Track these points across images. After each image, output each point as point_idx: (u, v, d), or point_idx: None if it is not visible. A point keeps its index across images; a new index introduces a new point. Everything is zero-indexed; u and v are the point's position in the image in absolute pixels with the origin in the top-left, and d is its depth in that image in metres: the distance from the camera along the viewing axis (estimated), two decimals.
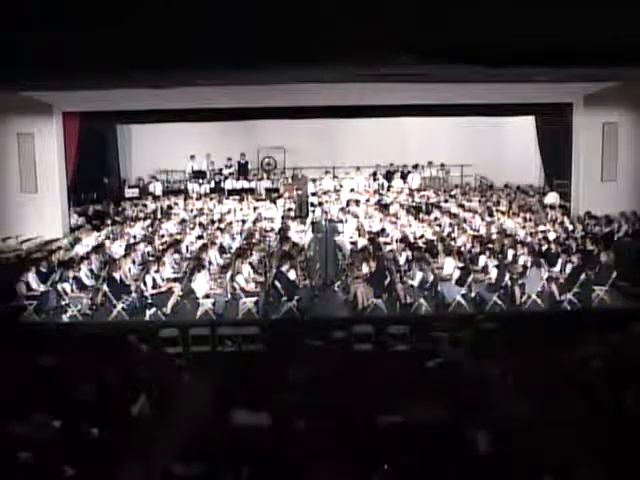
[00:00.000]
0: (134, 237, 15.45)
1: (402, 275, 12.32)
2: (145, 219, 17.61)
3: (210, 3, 6.24)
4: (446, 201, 19.57)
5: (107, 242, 14.87)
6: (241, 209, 18.88)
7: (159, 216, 18.25)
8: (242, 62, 9.28)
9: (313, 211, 18.58)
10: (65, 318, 11.32)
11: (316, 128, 21.05)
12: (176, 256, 13.67)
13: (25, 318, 11.21)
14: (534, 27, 7.19)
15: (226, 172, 21.82)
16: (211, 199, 20.05)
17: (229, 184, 21.39)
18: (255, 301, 11.47)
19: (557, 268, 12.23)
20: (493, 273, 11.90)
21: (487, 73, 11.38)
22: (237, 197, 20.18)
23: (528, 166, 21.39)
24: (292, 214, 18.25)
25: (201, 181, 21.60)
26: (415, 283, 11.73)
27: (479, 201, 19.50)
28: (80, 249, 14.36)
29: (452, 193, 20.71)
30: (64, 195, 16.59)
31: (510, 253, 13.12)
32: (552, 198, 18.74)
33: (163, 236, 15.55)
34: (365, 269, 12.07)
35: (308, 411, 6.23)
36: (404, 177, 21.85)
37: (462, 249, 13.55)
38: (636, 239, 14.46)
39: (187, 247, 14.64)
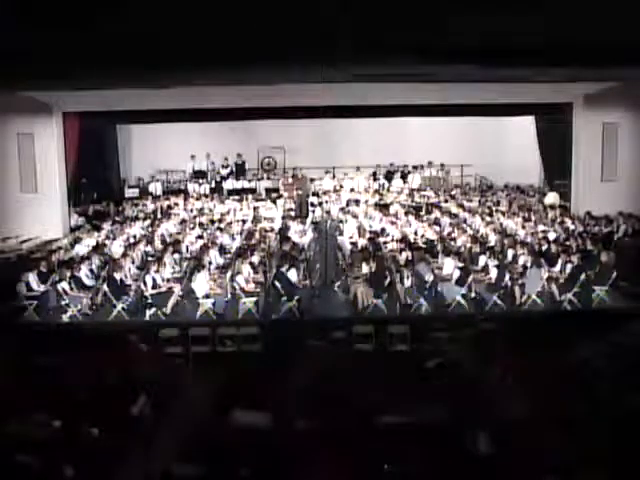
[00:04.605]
0: (134, 237, 15.46)
1: (402, 275, 12.31)
2: (145, 219, 17.61)
3: (210, 3, 6.23)
4: (446, 201, 19.58)
5: (107, 242, 14.88)
6: (241, 209, 18.89)
7: (159, 216, 18.25)
8: (242, 62, 9.29)
9: (313, 211, 18.59)
10: (65, 318, 11.31)
11: (316, 128, 21.05)
12: (176, 256, 13.67)
13: (25, 318, 11.21)
14: (534, 27, 7.19)
15: (223, 172, 21.85)
16: (211, 199, 20.06)
17: (229, 184, 21.41)
18: (255, 301, 11.47)
19: (557, 268, 12.23)
20: (493, 273, 11.91)
21: (487, 73, 11.39)
22: (237, 197, 20.18)
23: (528, 166, 21.37)
24: (292, 214, 18.25)
25: (201, 181, 21.62)
26: (407, 284, 11.73)
27: (479, 201, 19.51)
28: (80, 249, 14.36)
29: (452, 193, 20.71)
30: (64, 195, 16.60)
31: (510, 253, 13.13)
32: (552, 198, 18.73)
33: (163, 236, 15.55)
34: (365, 269, 12.08)
35: (308, 411, 6.23)
36: (404, 177, 21.86)
37: (462, 249, 13.55)
38: (636, 239, 14.45)
39: (187, 247, 14.64)
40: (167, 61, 9.03)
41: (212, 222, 17.01)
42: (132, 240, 14.95)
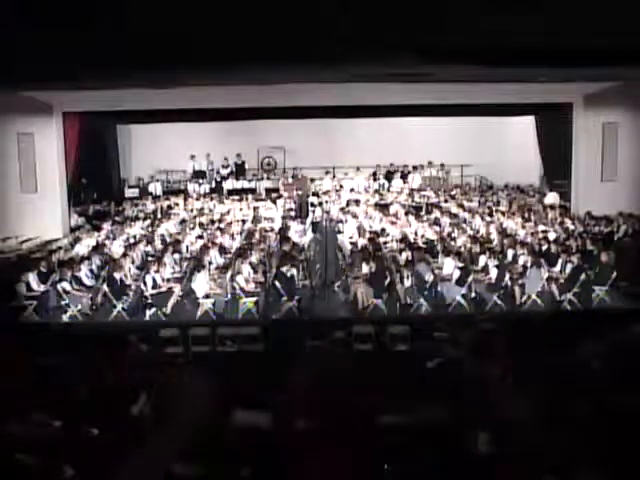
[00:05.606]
0: (134, 237, 15.46)
1: (402, 275, 12.31)
2: (145, 219, 17.61)
3: (209, 3, 6.24)
4: (446, 201, 19.58)
5: (107, 242, 14.88)
6: (241, 209, 18.89)
7: (159, 216, 18.25)
8: (241, 62, 9.29)
9: (313, 211, 18.59)
10: (65, 318, 11.31)
11: (316, 128, 21.07)
12: (176, 256, 13.67)
13: (25, 318, 11.21)
14: (534, 27, 7.19)
15: (223, 172, 21.87)
16: (211, 199, 20.06)
17: (229, 184, 21.42)
18: (255, 301, 11.47)
19: (557, 268, 12.23)
20: (493, 273, 11.91)
21: (487, 73, 11.39)
22: (237, 197, 20.19)
23: (528, 166, 21.39)
24: (292, 214, 18.25)
25: (201, 181, 21.63)
26: (407, 284, 11.73)
27: (479, 201, 19.51)
28: (80, 249, 14.36)
29: (452, 193, 20.71)
30: (64, 195, 16.60)
31: (510, 253, 13.13)
32: (552, 198, 18.74)
33: (163, 236, 15.55)
34: (365, 269, 12.07)
35: (308, 411, 6.23)
36: (404, 177, 21.87)
37: (462, 249, 13.55)
38: (636, 239, 14.45)
39: (187, 247, 14.64)
40: (167, 61, 9.03)
41: (212, 222, 17.02)
42: (132, 240, 14.95)
